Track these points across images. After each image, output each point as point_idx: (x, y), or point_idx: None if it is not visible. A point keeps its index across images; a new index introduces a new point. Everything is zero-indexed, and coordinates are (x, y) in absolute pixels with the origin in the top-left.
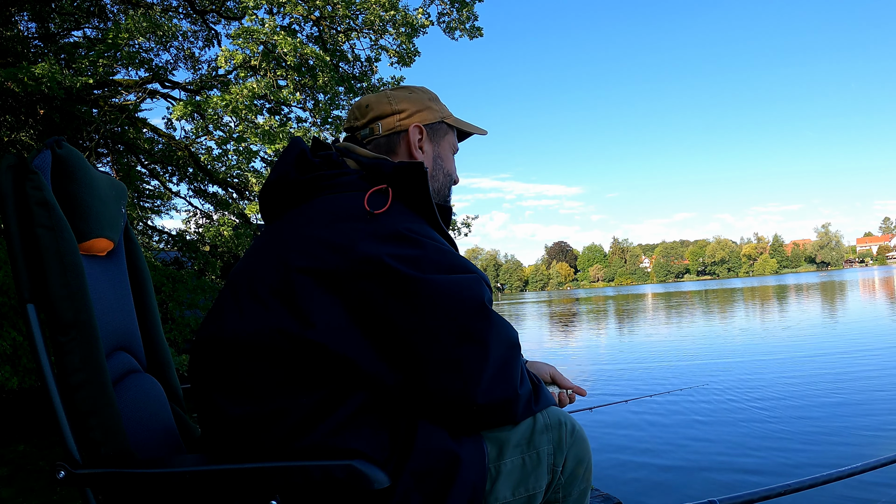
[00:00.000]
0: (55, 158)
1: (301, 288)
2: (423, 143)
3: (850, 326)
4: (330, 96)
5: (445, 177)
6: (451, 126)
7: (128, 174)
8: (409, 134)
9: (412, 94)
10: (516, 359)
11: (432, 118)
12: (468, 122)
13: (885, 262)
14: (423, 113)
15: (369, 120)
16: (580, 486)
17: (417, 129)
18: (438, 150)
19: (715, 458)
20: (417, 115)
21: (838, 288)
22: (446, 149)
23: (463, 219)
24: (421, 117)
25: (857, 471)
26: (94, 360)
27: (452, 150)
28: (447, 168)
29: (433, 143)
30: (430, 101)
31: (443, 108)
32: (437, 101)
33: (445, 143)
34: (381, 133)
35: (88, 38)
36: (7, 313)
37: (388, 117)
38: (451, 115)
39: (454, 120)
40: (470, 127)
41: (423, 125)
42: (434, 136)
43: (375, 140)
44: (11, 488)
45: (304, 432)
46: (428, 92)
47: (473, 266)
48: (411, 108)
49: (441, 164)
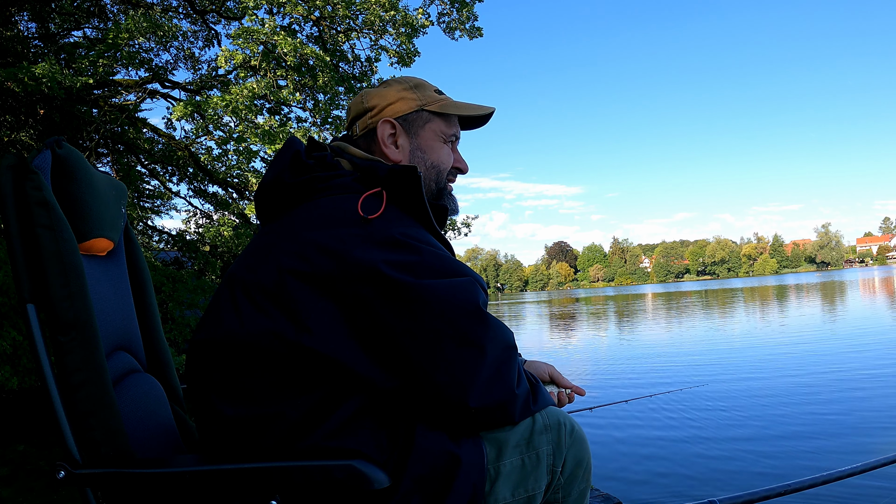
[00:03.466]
0: (55, 158)
1: (296, 291)
2: (397, 138)
3: (849, 326)
4: (330, 96)
5: (430, 168)
6: (436, 113)
7: (128, 174)
8: (378, 130)
9: (388, 88)
10: (512, 360)
11: (406, 108)
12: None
13: (885, 262)
14: (394, 105)
15: (351, 121)
16: (580, 487)
17: (388, 125)
18: (418, 141)
19: (715, 458)
20: (388, 109)
21: (838, 288)
22: (429, 138)
23: (463, 219)
24: (392, 110)
25: (857, 471)
26: (94, 360)
27: (443, 138)
28: (431, 159)
29: (410, 136)
30: (405, 91)
31: (424, 95)
32: (419, 89)
33: (428, 133)
34: (359, 133)
35: (88, 38)
36: (7, 313)
37: (362, 116)
38: (436, 101)
39: (439, 105)
40: (464, 108)
41: (395, 118)
42: (410, 127)
43: (357, 140)
44: (11, 488)
45: (302, 435)
46: (410, 80)
47: (468, 269)
48: (381, 103)
49: (423, 156)
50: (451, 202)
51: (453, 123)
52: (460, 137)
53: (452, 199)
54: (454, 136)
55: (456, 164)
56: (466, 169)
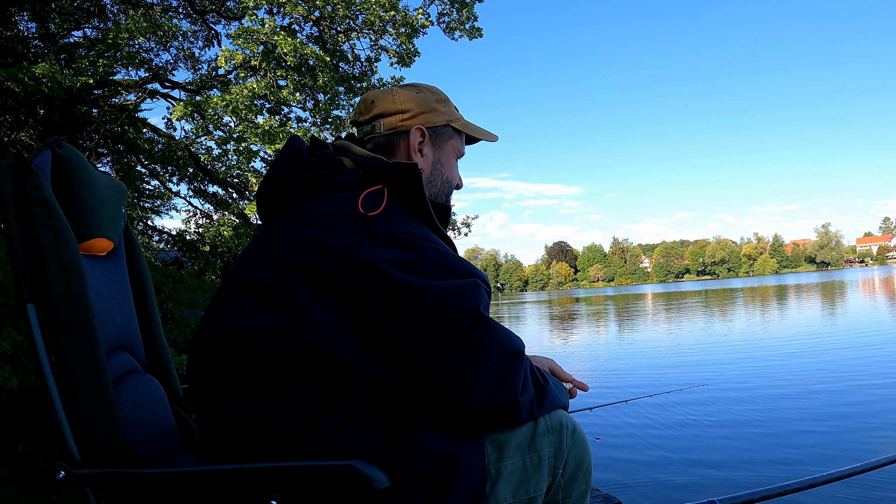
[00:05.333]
0: (55, 158)
1: (298, 288)
2: (423, 147)
3: (850, 325)
4: (330, 96)
5: (444, 183)
6: (457, 130)
7: (128, 174)
8: (410, 136)
9: (419, 94)
10: (518, 366)
11: (437, 121)
12: (479, 126)
13: (885, 262)
14: (427, 115)
15: (372, 116)
16: (580, 488)
17: (419, 132)
18: (440, 154)
19: (715, 458)
20: (421, 117)
21: (838, 288)
22: (449, 154)
23: (463, 219)
24: (424, 119)
25: (857, 471)
26: (94, 360)
27: (457, 155)
28: (447, 174)
29: (434, 147)
30: (436, 103)
31: (450, 111)
32: (446, 103)
33: (449, 148)
34: (383, 132)
35: (88, 38)
36: (7, 313)
37: (390, 116)
38: (459, 119)
39: (462, 124)
40: (479, 132)
41: (426, 128)
42: (437, 139)
43: (376, 138)
44: (11, 488)
45: (304, 433)
46: (437, 93)
47: (473, 267)
48: (416, 109)
49: (441, 169)
50: None
51: (464, 142)
52: None
53: None
54: (462, 154)
55: (459, 182)
56: (462, 186)
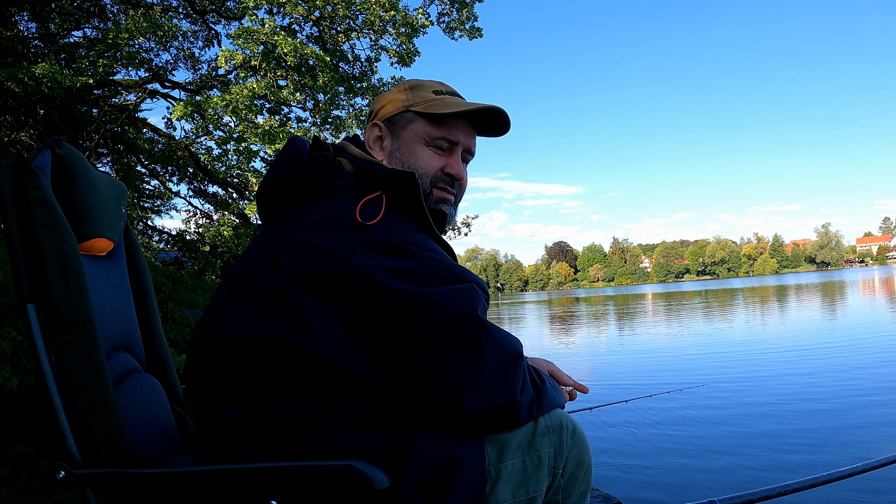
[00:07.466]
0: (55, 158)
1: (295, 294)
2: (383, 140)
3: (850, 325)
4: (330, 96)
5: (409, 169)
6: (419, 113)
7: (128, 174)
8: (367, 133)
9: (392, 91)
10: (517, 367)
11: (393, 110)
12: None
13: (885, 262)
14: (385, 107)
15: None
16: (580, 488)
17: (376, 128)
18: (398, 142)
19: (715, 458)
20: (381, 112)
21: (838, 288)
22: (409, 140)
23: (463, 219)
24: (382, 113)
25: (857, 471)
26: (94, 360)
27: (423, 140)
28: (410, 161)
29: (392, 137)
30: (399, 92)
31: (416, 96)
32: (415, 89)
33: (408, 134)
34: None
35: (88, 38)
36: (7, 313)
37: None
38: (426, 101)
39: (424, 105)
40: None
41: (383, 120)
42: (394, 128)
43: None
44: (11, 488)
45: (302, 436)
46: (412, 81)
47: (470, 274)
48: (376, 106)
49: (401, 157)
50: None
51: (446, 126)
52: (465, 143)
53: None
54: (444, 140)
55: (447, 170)
56: (459, 176)
